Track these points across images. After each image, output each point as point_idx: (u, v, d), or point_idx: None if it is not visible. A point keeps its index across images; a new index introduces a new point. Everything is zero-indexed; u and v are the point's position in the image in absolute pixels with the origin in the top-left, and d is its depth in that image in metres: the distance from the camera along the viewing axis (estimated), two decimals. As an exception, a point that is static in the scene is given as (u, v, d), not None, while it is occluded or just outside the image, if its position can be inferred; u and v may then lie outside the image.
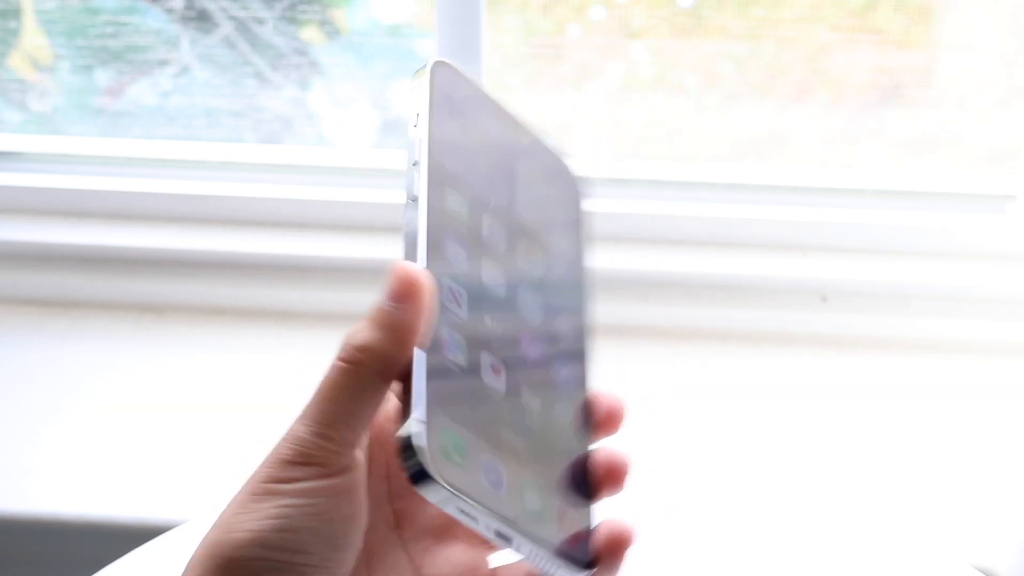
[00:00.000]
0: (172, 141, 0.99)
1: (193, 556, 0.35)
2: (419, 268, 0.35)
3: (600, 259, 0.43)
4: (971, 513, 0.76)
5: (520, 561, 0.35)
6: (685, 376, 0.89)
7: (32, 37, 0.98)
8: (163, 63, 0.97)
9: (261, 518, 0.34)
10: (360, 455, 0.35)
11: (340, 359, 0.35)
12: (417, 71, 0.39)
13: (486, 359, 0.36)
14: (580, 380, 0.39)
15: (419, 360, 0.34)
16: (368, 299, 0.41)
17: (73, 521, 0.77)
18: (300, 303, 0.94)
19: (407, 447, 0.32)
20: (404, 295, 0.35)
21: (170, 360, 0.90)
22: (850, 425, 0.83)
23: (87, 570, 0.58)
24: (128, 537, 0.68)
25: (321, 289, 0.93)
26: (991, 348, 0.91)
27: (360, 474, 0.35)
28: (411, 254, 0.36)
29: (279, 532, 0.34)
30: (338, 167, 0.96)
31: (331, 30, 0.97)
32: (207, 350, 0.92)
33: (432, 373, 0.34)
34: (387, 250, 0.92)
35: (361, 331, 0.35)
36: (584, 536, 0.36)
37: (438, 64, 0.39)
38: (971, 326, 0.91)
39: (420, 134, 0.37)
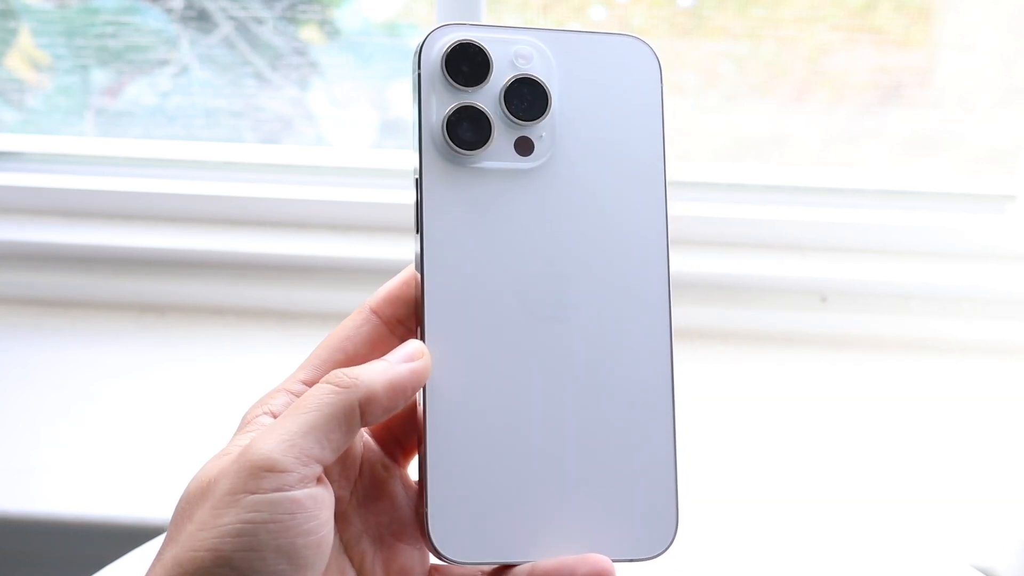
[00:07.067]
0: (171, 141, 0.99)
1: (153, 572, 0.35)
2: (423, 347, 0.38)
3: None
4: (971, 513, 0.76)
5: None
6: (685, 376, 0.89)
7: (30, 37, 0.97)
8: (163, 63, 0.97)
9: (222, 535, 0.34)
10: (326, 482, 0.36)
11: (326, 382, 0.36)
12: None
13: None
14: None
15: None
16: (367, 299, 0.41)
17: (73, 521, 0.77)
18: (300, 303, 0.94)
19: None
20: (408, 358, 0.37)
21: (170, 360, 0.90)
22: (850, 425, 0.83)
23: (87, 570, 0.58)
24: (128, 537, 0.69)
25: (321, 289, 0.93)
26: (991, 348, 0.91)
27: (325, 496, 0.36)
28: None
29: (241, 551, 0.34)
30: (337, 167, 0.96)
31: (330, 30, 0.97)
32: (207, 350, 0.91)
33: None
34: (386, 250, 0.92)
35: (355, 368, 0.37)
36: None
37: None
38: (971, 326, 0.91)
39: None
